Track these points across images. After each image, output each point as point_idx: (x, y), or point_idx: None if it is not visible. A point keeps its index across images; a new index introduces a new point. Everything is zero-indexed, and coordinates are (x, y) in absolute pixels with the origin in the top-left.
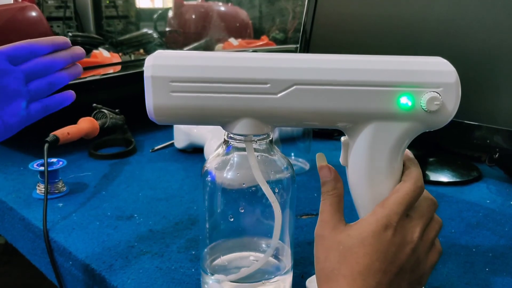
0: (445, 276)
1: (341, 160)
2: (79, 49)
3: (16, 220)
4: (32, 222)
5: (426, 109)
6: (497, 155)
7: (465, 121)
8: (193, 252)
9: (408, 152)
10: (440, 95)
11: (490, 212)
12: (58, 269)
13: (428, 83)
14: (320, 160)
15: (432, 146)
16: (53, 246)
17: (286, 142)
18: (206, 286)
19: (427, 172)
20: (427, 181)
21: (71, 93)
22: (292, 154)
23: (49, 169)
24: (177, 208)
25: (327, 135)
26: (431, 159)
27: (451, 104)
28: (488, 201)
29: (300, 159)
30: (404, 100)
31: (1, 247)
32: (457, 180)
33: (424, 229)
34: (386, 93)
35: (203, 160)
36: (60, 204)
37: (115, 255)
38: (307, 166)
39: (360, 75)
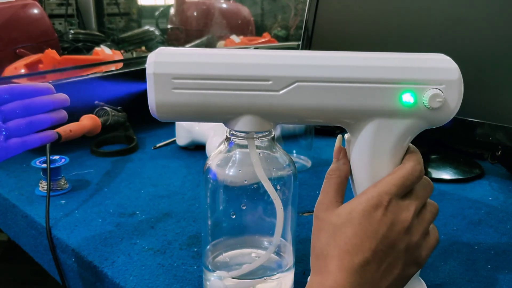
0: (447, 273)
1: None
2: (62, 96)
3: (19, 217)
4: (34, 219)
5: (428, 106)
6: (499, 153)
7: (468, 118)
8: (195, 249)
9: None
10: (442, 92)
11: (492, 209)
12: (60, 266)
13: (430, 80)
14: (338, 141)
15: (434, 143)
16: (56, 243)
17: (288, 139)
18: (208, 282)
19: (429, 170)
20: (429, 179)
21: (51, 134)
22: (294, 151)
23: (51, 166)
24: (179, 205)
25: (329, 132)
26: (433, 156)
27: (454, 101)
28: (490, 199)
29: (302, 157)
30: (406, 97)
31: (4, 244)
32: (459, 177)
33: (419, 210)
34: (388, 90)
35: (205, 157)
36: (63, 201)
37: (117, 252)
38: (309, 164)
39: (362, 72)
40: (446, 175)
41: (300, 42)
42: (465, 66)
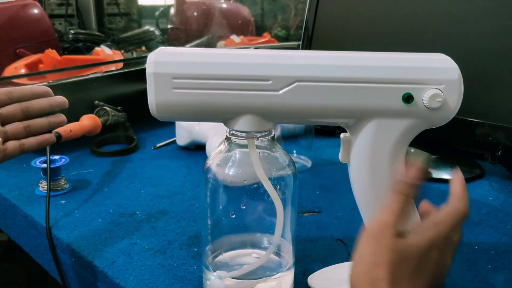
0: None
1: (340, 157)
2: (59, 98)
3: (19, 217)
4: (35, 219)
5: (428, 106)
6: (499, 153)
7: (468, 118)
8: (195, 249)
9: (460, 181)
10: (442, 92)
11: (492, 209)
12: (60, 266)
13: (430, 80)
14: (417, 159)
15: (434, 143)
16: (56, 243)
17: (288, 139)
18: (208, 282)
19: (429, 170)
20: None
21: (48, 137)
22: (294, 151)
23: (51, 166)
24: (179, 205)
25: (329, 132)
26: (433, 157)
27: (453, 101)
28: (490, 199)
29: (302, 157)
30: (406, 97)
31: (4, 244)
32: None
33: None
34: (388, 90)
35: (205, 157)
36: (63, 201)
37: (118, 252)
38: (309, 164)
39: (362, 72)
40: (446, 175)
41: (300, 42)
42: (465, 66)
